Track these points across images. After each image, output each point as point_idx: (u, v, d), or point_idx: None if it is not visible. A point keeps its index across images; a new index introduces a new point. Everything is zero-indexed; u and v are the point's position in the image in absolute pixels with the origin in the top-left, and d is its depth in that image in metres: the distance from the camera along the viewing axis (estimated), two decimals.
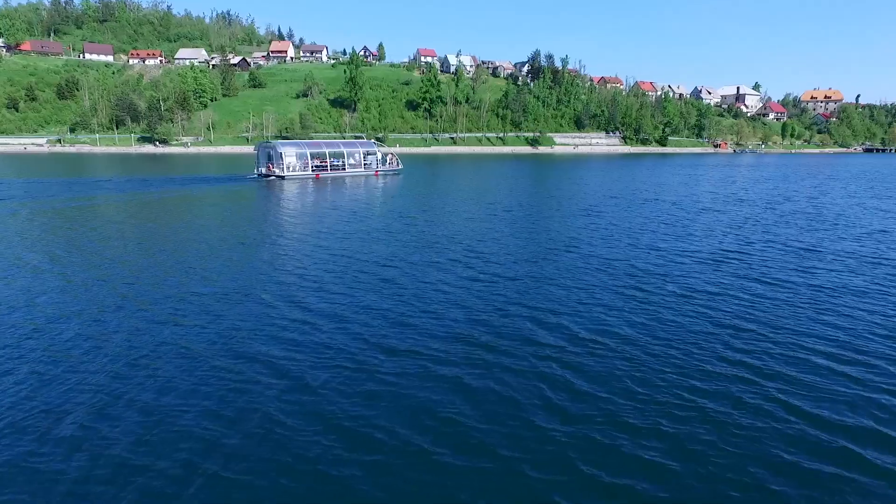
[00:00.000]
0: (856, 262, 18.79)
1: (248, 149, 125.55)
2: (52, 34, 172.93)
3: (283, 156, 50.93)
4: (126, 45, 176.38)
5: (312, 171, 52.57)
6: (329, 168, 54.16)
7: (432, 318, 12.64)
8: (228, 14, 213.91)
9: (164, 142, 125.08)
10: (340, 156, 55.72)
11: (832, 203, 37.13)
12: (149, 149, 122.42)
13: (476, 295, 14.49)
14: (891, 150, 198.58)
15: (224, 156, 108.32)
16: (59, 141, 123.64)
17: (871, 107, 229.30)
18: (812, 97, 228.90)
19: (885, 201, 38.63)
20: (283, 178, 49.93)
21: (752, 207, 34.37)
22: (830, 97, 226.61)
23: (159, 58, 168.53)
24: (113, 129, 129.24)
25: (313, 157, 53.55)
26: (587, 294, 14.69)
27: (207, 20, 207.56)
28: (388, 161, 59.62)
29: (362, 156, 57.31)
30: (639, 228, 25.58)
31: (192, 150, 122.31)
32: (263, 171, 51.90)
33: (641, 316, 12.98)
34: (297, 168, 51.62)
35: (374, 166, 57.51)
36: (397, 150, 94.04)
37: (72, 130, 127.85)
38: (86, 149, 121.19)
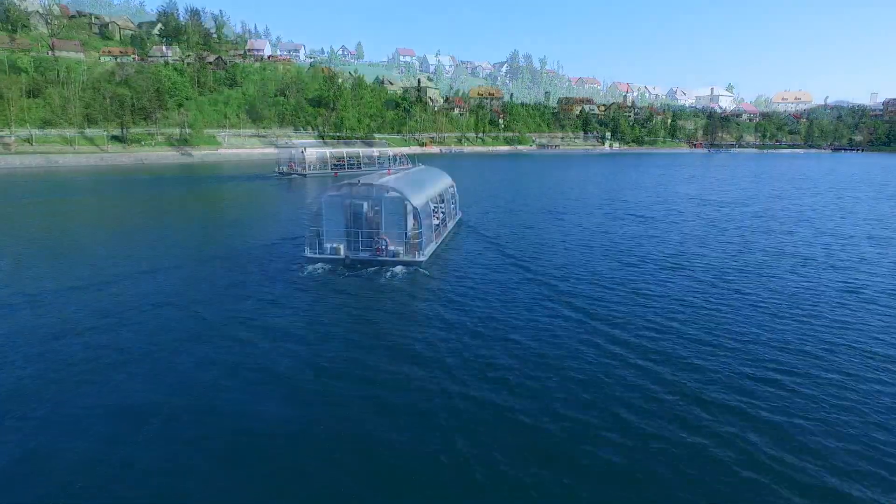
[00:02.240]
0: (815, 266, 19.34)
1: (223, 150, 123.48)
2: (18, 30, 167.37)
3: (305, 155, 55.12)
4: (97, 41, 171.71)
5: (331, 169, 56.65)
6: (346, 167, 58.24)
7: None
8: (203, 11, 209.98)
9: (134, 140, 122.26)
10: (356, 155, 60.59)
11: (804, 205, 38.15)
12: (121, 154, 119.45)
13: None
14: (858, 150, 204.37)
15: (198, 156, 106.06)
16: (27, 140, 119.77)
17: (838, 108, 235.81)
18: (783, 98, 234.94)
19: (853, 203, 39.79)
20: (304, 175, 54.22)
21: (724, 209, 35.07)
22: (800, 98, 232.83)
23: (132, 55, 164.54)
24: (84, 128, 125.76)
25: (332, 156, 58.31)
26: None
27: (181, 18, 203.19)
28: (398, 160, 63.43)
29: (376, 155, 62.61)
30: (616, 232, 25.92)
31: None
32: (285, 169, 55.97)
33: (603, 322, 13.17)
34: (317, 167, 55.78)
35: (386, 165, 61.26)
36: None
37: (40, 129, 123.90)
38: (56, 149, 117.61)
